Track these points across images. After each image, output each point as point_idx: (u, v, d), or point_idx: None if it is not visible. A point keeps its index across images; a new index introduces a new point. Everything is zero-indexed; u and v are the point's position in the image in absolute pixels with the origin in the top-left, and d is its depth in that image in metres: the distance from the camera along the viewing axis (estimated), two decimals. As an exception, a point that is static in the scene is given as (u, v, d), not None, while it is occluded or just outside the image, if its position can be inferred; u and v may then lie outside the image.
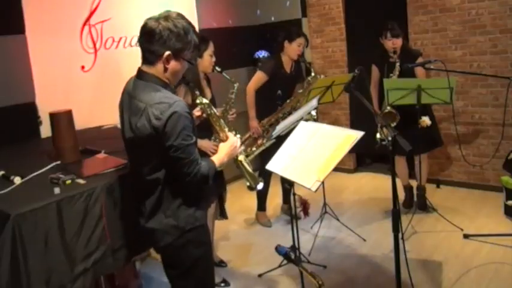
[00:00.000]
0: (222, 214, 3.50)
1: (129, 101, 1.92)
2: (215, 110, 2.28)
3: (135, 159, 2.01)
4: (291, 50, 3.93)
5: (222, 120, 2.26)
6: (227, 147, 2.14)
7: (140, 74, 1.92)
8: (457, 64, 4.46)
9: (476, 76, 4.34)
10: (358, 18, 5.20)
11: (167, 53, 1.83)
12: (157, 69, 1.88)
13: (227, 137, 2.20)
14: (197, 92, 2.22)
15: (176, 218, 1.96)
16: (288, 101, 3.90)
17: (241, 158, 2.30)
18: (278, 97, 3.96)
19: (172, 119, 1.78)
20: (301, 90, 3.91)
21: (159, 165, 1.90)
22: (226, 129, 2.24)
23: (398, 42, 3.86)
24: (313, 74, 3.89)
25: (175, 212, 1.96)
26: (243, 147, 2.29)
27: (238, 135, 2.26)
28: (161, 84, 1.89)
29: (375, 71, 4.11)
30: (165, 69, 1.87)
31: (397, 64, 3.82)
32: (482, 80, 4.38)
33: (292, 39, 3.91)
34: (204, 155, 3.09)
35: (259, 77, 3.94)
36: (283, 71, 4.01)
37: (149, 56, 1.87)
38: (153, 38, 1.82)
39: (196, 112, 2.36)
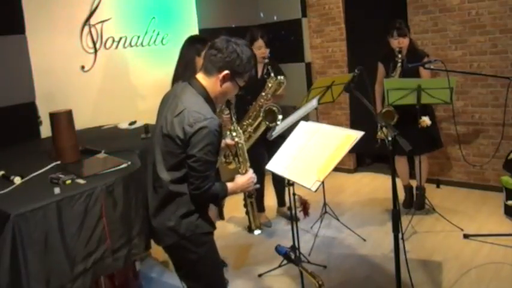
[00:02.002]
0: (219, 215, 3.52)
1: (172, 100, 2.03)
2: (243, 142, 2.35)
3: (155, 154, 2.06)
4: None
5: (246, 154, 2.32)
6: (243, 180, 2.20)
7: (193, 82, 2.03)
8: (457, 64, 4.46)
9: (476, 76, 4.34)
10: (358, 18, 5.20)
11: (226, 72, 1.97)
12: (211, 82, 2.00)
13: (247, 171, 2.26)
14: (234, 119, 2.27)
15: (177, 224, 2.01)
16: (253, 103, 3.77)
17: (253, 195, 2.36)
18: (248, 102, 3.83)
19: (201, 132, 1.87)
20: (263, 93, 3.77)
21: (172, 167, 1.98)
22: (248, 164, 2.29)
23: (405, 41, 3.85)
24: (272, 75, 3.73)
25: (178, 219, 2.01)
26: (257, 186, 2.31)
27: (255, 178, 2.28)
28: (207, 98, 2.00)
29: (380, 68, 4.10)
30: (220, 85, 2.00)
31: (399, 65, 3.81)
32: (482, 80, 4.38)
33: (251, 43, 3.79)
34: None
35: None
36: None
37: (210, 67, 1.99)
38: (220, 54, 1.96)
39: (229, 141, 2.39)
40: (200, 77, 2.03)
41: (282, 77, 3.73)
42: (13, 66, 3.54)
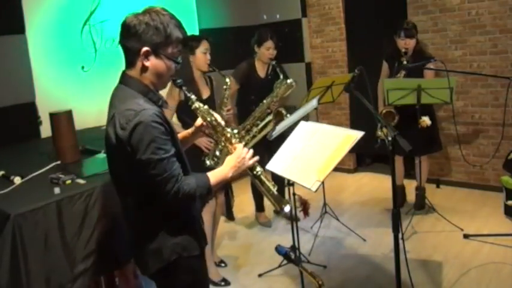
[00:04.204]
0: (229, 215, 3.52)
1: (108, 109, 1.72)
2: (217, 117, 1.95)
3: (111, 176, 1.82)
4: (261, 53, 3.86)
5: (228, 129, 1.93)
6: (233, 160, 1.83)
7: (121, 78, 1.73)
8: (457, 64, 4.46)
9: (476, 76, 4.34)
10: (358, 18, 5.19)
11: (144, 48, 1.64)
12: (137, 69, 1.69)
13: (235, 148, 1.88)
14: (193, 96, 1.90)
15: (160, 244, 1.73)
16: (260, 104, 3.73)
17: (258, 170, 1.93)
18: (252, 102, 3.83)
19: (137, 131, 1.57)
20: (273, 95, 3.73)
21: (128, 185, 1.72)
22: (234, 140, 1.90)
23: (411, 43, 3.83)
24: (281, 77, 3.73)
25: (160, 238, 1.73)
26: (256, 158, 1.91)
27: (251, 151, 1.90)
28: (141, 88, 1.69)
29: (385, 67, 4.10)
30: (145, 68, 1.68)
31: (404, 65, 3.77)
32: (482, 80, 4.38)
33: (260, 44, 3.83)
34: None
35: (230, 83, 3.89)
36: (256, 75, 3.93)
37: (128, 55, 1.70)
38: (129, 33, 1.65)
39: (197, 122, 2.03)
40: (127, 70, 1.72)
41: (291, 80, 3.71)
42: (13, 66, 3.54)
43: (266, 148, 3.84)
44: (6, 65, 3.49)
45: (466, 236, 3.59)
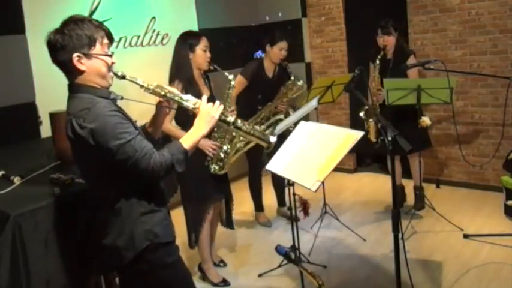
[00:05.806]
0: (229, 224, 3.47)
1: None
2: (171, 88, 1.93)
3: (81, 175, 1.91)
4: (273, 53, 3.86)
5: (187, 95, 1.94)
6: (202, 119, 1.87)
7: (69, 90, 1.85)
8: (457, 64, 4.46)
9: (476, 76, 4.34)
10: (358, 18, 5.20)
11: (75, 55, 1.74)
12: (78, 77, 1.80)
13: (199, 108, 1.90)
14: (140, 81, 1.88)
15: (129, 234, 1.77)
16: (268, 104, 3.77)
17: (230, 119, 1.97)
18: (258, 101, 3.86)
19: (97, 124, 1.66)
20: (282, 95, 3.80)
21: (99, 179, 1.80)
22: (195, 101, 1.92)
23: (389, 40, 3.85)
24: (292, 78, 3.75)
25: (130, 228, 1.78)
26: (221, 107, 1.95)
27: (217, 102, 1.95)
28: (89, 90, 1.78)
29: (371, 68, 4.11)
30: (83, 72, 1.77)
31: (376, 63, 3.84)
32: (482, 80, 4.38)
33: (273, 43, 3.83)
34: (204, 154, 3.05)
35: (238, 81, 3.82)
36: (264, 74, 3.93)
37: (64, 68, 1.80)
38: (56, 49, 1.75)
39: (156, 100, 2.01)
40: (71, 80, 1.85)
41: (301, 82, 3.75)
42: (13, 66, 3.54)
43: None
44: (6, 65, 3.49)
45: (466, 236, 3.59)
